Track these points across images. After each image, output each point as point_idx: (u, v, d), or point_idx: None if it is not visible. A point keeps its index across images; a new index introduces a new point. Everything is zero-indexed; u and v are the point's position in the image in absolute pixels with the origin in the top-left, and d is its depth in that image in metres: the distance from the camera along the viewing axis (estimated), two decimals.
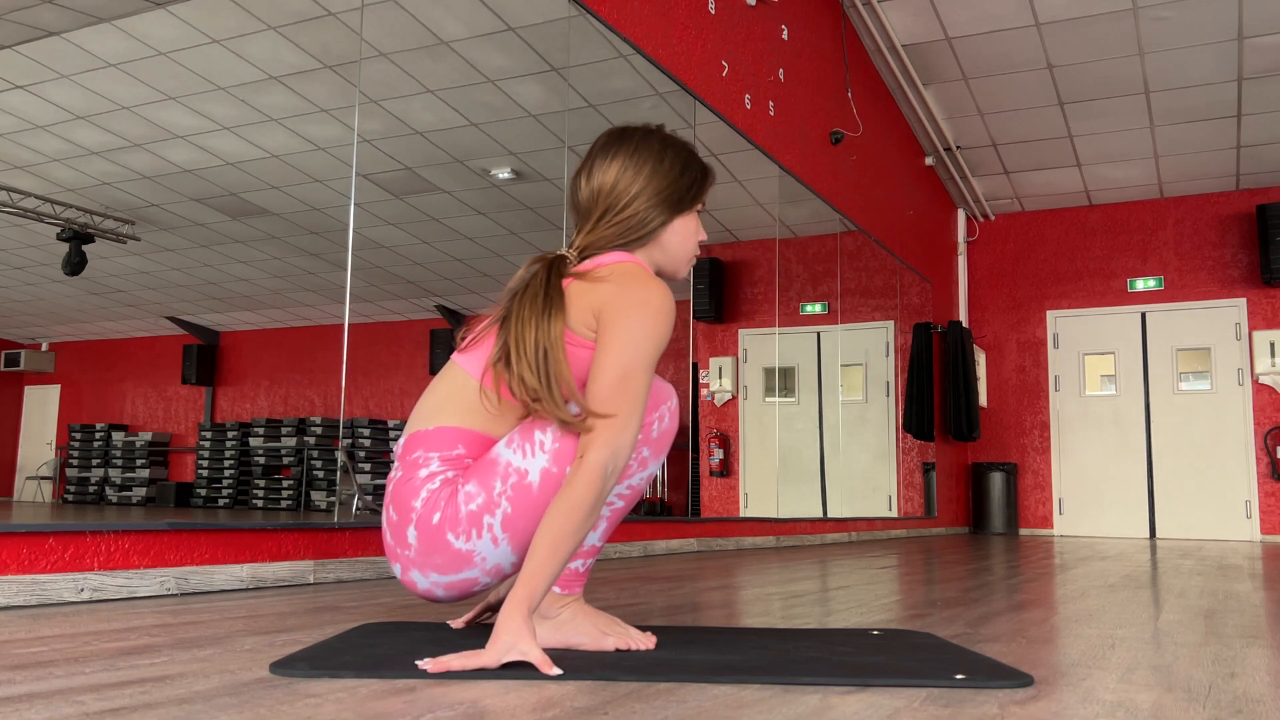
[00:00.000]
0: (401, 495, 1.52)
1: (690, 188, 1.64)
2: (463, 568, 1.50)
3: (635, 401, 1.44)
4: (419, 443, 1.55)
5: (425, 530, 1.50)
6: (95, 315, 9.75)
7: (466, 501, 1.49)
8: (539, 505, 1.48)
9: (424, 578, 1.52)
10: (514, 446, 1.51)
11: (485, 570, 1.52)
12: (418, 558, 1.51)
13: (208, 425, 9.96)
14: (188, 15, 4.59)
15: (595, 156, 1.64)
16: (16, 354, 10.36)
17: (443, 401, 1.57)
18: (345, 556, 2.85)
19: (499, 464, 1.50)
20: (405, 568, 1.53)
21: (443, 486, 1.51)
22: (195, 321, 9.98)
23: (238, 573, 2.51)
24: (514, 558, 1.52)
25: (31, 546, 2.08)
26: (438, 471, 1.52)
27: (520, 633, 1.35)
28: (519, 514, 1.49)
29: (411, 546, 1.51)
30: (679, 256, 1.66)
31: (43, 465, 10.49)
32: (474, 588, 1.54)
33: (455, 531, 1.48)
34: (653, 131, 1.66)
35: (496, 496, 1.48)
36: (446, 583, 1.52)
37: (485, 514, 1.48)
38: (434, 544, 1.49)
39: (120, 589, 2.23)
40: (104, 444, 10.40)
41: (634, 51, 4.39)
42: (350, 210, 3.41)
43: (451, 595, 1.55)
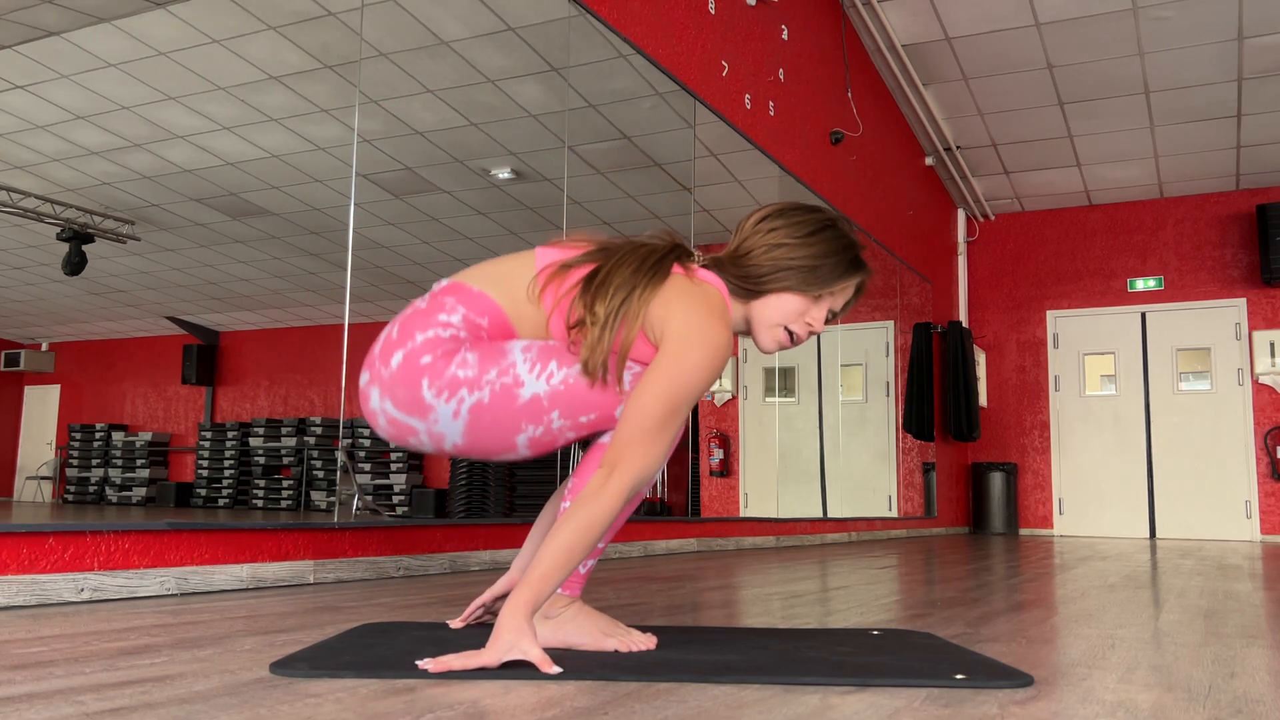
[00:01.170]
0: (412, 322, 1.52)
1: (825, 272, 1.60)
2: (415, 414, 1.50)
3: (673, 431, 1.47)
4: (457, 293, 1.55)
5: (410, 363, 1.49)
6: (95, 315, 9.75)
7: (460, 366, 1.49)
8: (513, 417, 1.49)
9: (380, 400, 1.52)
10: (528, 355, 1.52)
11: (430, 430, 1.51)
12: (388, 380, 1.51)
13: (208, 425, 9.96)
14: (188, 15, 4.59)
15: (770, 208, 1.64)
16: (16, 354, 10.36)
17: (500, 276, 1.58)
18: (345, 556, 2.85)
19: (506, 357, 1.51)
20: (372, 380, 1.53)
21: (450, 340, 1.51)
22: (195, 321, 9.97)
23: (238, 573, 2.51)
24: (459, 440, 1.52)
25: (31, 546, 2.08)
26: (455, 325, 1.52)
27: (521, 632, 1.35)
28: (491, 410, 1.49)
29: (390, 369, 1.51)
30: (771, 321, 1.62)
31: (43, 465, 10.49)
32: (410, 437, 1.53)
33: (433, 382, 1.48)
34: (826, 214, 1.64)
35: (485, 381, 1.49)
36: (393, 416, 1.51)
37: (465, 387, 1.49)
38: (409, 379, 1.49)
39: (120, 589, 2.23)
40: (104, 444, 10.40)
41: (634, 51, 4.39)
42: (350, 210, 3.41)
43: (388, 431, 1.54)
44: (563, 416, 1.52)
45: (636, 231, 1.66)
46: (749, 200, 6.03)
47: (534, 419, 1.51)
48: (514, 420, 1.50)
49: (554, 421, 1.52)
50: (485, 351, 1.51)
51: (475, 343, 1.52)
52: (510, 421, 1.50)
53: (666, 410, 1.46)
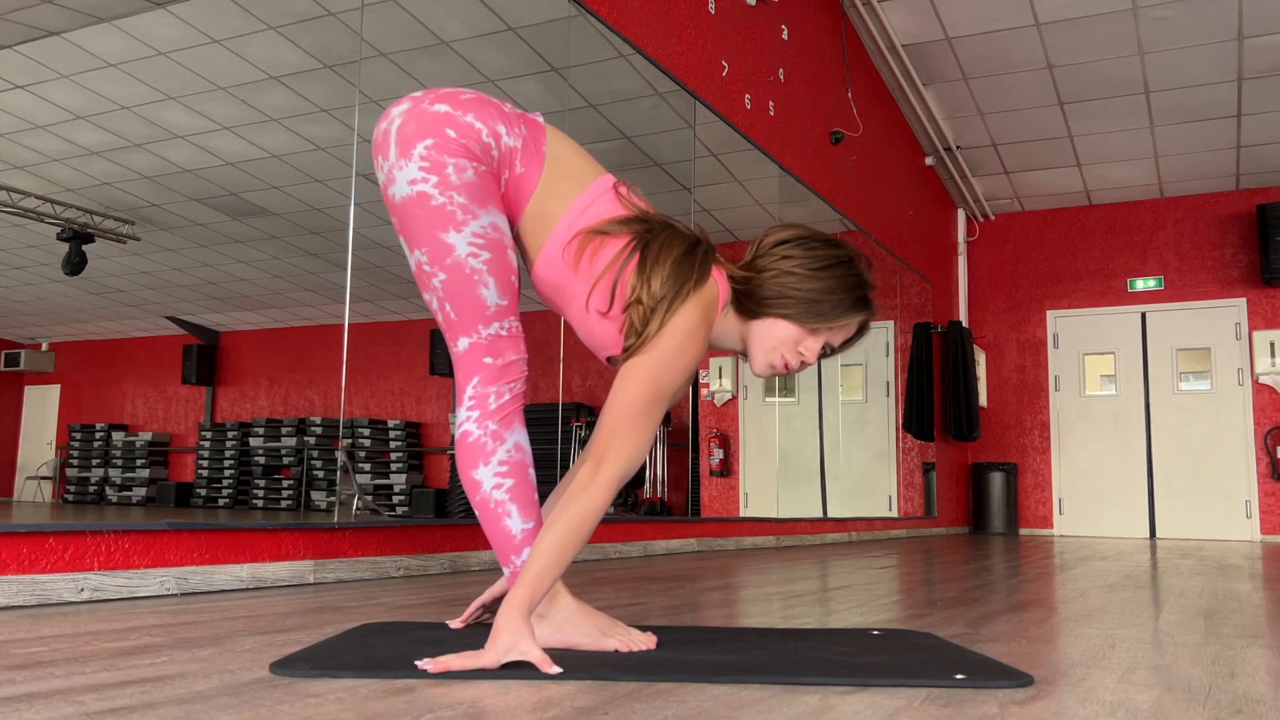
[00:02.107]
0: (480, 106, 1.54)
1: (831, 310, 1.60)
2: (399, 150, 1.51)
3: (656, 418, 1.49)
4: (531, 133, 1.59)
5: (438, 121, 1.51)
6: (95, 315, 9.75)
7: (456, 168, 1.50)
8: (427, 236, 1.52)
9: (397, 116, 1.54)
10: (485, 230, 1.54)
11: (391, 169, 1.53)
12: (415, 114, 1.52)
13: (208, 425, 9.96)
14: (188, 15, 4.59)
15: (792, 225, 1.64)
16: (16, 354, 10.36)
17: (560, 164, 1.60)
18: (345, 556, 2.85)
19: (479, 209, 1.52)
20: (412, 101, 1.55)
21: (481, 151, 1.52)
22: (195, 321, 9.98)
23: (238, 573, 2.51)
24: (396, 201, 1.54)
25: (31, 546, 2.08)
26: (498, 146, 1.54)
27: (520, 632, 1.35)
28: (425, 214, 1.51)
29: (428, 108, 1.52)
30: (765, 347, 1.62)
31: (43, 465, 10.49)
32: (379, 156, 1.55)
33: (430, 149, 1.50)
34: (844, 250, 1.63)
35: (448, 193, 1.50)
36: (388, 133, 1.53)
37: (436, 178, 1.50)
38: (422, 129, 1.51)
39: (120, 589, 2.23)
40: (104, 444, 10.40)
41: (634, 51, 4.39)
42: (350, 210, 3.41)
43: (376, 141, 1.56)
44: (443, 285, 1.54)
45: None
46: (749, 200, 6.04)
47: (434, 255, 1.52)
48: (425, 238, 1.52)
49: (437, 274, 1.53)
50: (481, 186, 1.52)
51: (488, 174, 1.53)
52: (422, 235, 1.52)
53: (650, 398, 1.47)
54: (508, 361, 1.58)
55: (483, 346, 1.56)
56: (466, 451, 1.57)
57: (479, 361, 1.56)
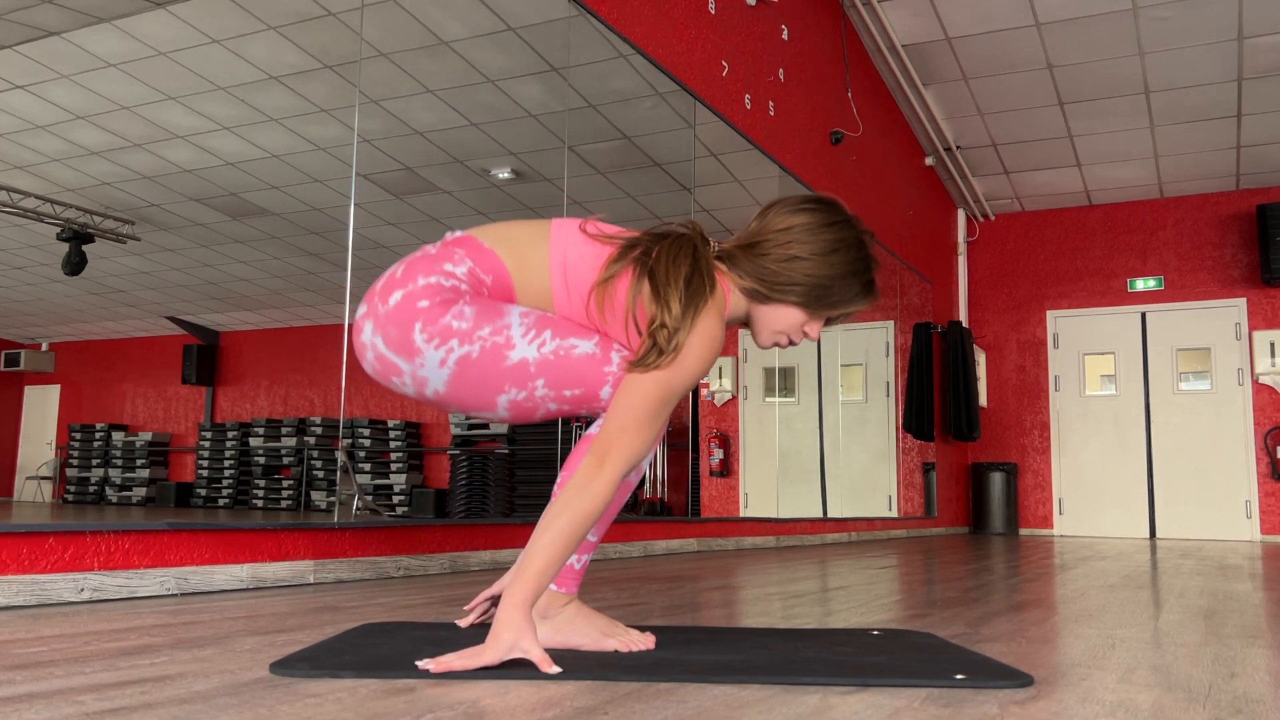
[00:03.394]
0: (418, 265, 1.52)
1: (839, 295, 1.60)
2: (402, 355, 1.50)
3: (663, 420, 1.49)
4: (468, 246, 1.56)
5: (408, 304, 1.49)
6: (95, 315, 9.74)
7: (455, 317, 1.49)
8: (497, 377, 1.50)
9: (371, 335, 1.51)
10: (525, 322, 1.52)
11: (414, 374, 1.51)
12: (383, 317, 1.50)
13: (208, 425, 9.96)
14: (188, 15, 4.59)
15: (792, 201, 1.62)
16: (16, 354, 10.35)
17: (512, 240, 1.58)
18: (345, 556, 2.85)
19: (502, 318, 1.51)
20: (367, 315, 1.52)
21: (451, 290, 1.50)
22: (195, 321, 9.97)
23: (238, 573, 2.51)
24: (441, 389, 1.51)
25: (31, 546, 2.08)
26: (459, 277, 1.52)
27: (522, 630, 1.35)
28: (478, 365, 1.49)
29: (387, 306, 1.50)
30: (773, 329, 1.63)
31: (43, 465, 10.49)
32: (394, 376, 1.52)
33: (425, 327, 1.48)
34: (851, 227, 1.61)
35: (476, 336, 1.49)
36: (380, 353, 1.51)
37: (456, 338, 1.48)
38: (402, 319, 1.49)
39: (120, 589, 2.23)
40: (104, 444, 10.40)
41: (634, 51, 4.39)
42: (350, 210, 3.41)
43: (375, 367, 1.54)
44: (547, 386, 1.52)
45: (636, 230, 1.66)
46: (749, 200, 6.03)
47: (518, 383, 1.51)
48: (498, 380, 1.50)
49: (538, 389, 1.52)
50: (483, 308, 1.51)
51: (475, 298, 1.52)
52: (494, 380, 1.50)
53: (660, 399, 1.47)
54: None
55: (623, 376, 1.54)
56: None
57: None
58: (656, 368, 1.46)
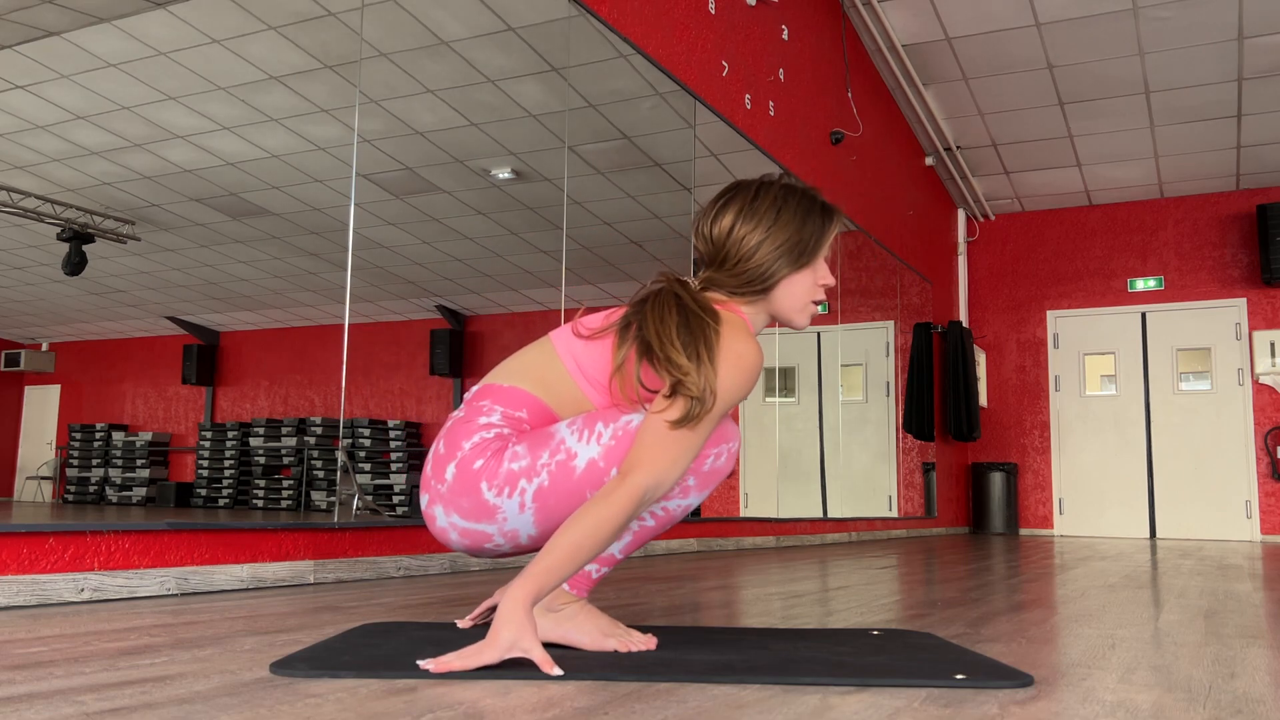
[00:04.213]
0: (456, 433, 1.54)
1: (812, 238, 1.63)
2: (483, 519, 1.51)
3: (696, 443, 1.47)
4: (490, 394, 1.57)
5: (464, 471, 1.51)
6: (95, 315, 9.74)
7: (511, 460, 1.50)
8: (576, 489, 1.50)
9: (445, 516, 1.53)
10: (574, 429, 1.52)
11: (502, 530, 1.52)
12: (448, 494, 1.52)
13: (208, 425, 9.96)
14: (188, 15, 4.59)
15: (714, 205, 1.64)
16: (16, 354, 10.35)
17: (526, 368, 1.59)
18: (345, 556, 2.85)
19: (554, 438, 1.52)
20: (432, 500, 1.54)
21: (496, 439, 1.52)
22: (195, 321, 9.97)
23: (238, 573, 2.51)
24: (533, 530, 1.52)
25: (32, 546, 2.08)
26: (497, 424, 1.54)
27: (523, 628, 1.34)
28: (554, 490, 1.49)
29: (446, 483, 1.52)
30: (796, 306, 1.65)
31: (43, 465, 10.49)
32: (485, 543, 1.54)
33: (490, 483, 1.50)
34: (772, 183, 1.64)
35: (539, 466, 1.49)
36: (463, 528, 1.53)
37: (523, 478, 1.49)
38: (467, 487, 1.50)
39: (120, 589, 2.23)
40: (104, 444, 10.40)
41: (634, 51, 4.39)
42: (350, 210, 3.41)
43: (464, 543, 1.55)
44: (614, 462, 1.52)
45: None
46: None
47: (596, 483, 1.50)
48: (579, 491, 1.50)
49: (610, 471, 1.52)
50: (533, 440, 1.52)
51: (520, 435, 1.54)
52: (576, 494, 1.50)
53: (691, 419, 1.46)
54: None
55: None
56: None
57: None
58: (703, 415, 1.45)
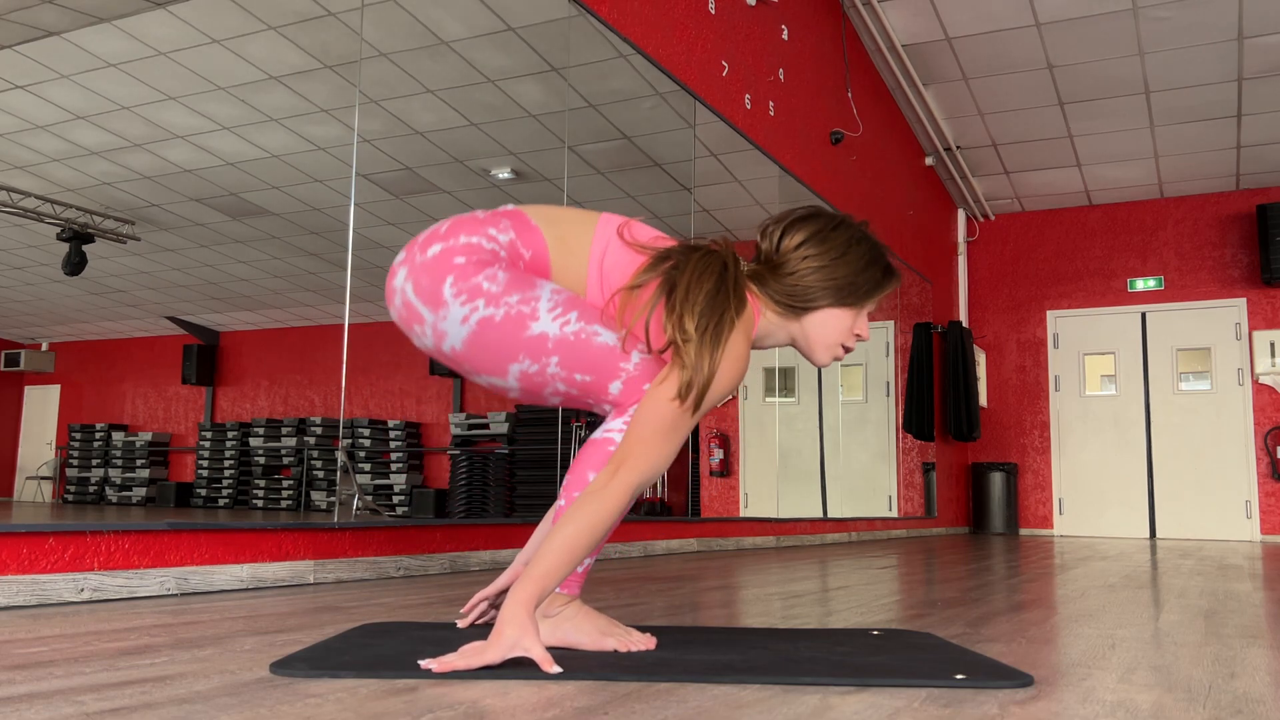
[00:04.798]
0: (463, 224, 1.56)
1: (866, 285, 1.64)
2: (428, 304, 1.52)
3: (684, 435, 1.49)
4: (515, 220, 1.59)
5: (444, 258, 1.52)
6: (95, 315, 9.74)
7: (488, 279, 1.51)
8: (513, 344, 1.51)
9: (403, 281, 1.54)
10: (554, 299, 1.54)
11: (434, 326, 1.53)
12: (418, 265, 1.53)
13: (208, 425, 9.96)
14: (188, 15, 4.59)
15: (790, 217, 1.65)
16: (16, 354, 10.35)
17: (558, 222, 1.62)
18: (345, 556, 2.85)
19: (532, 290, 1.53)
20: (404, 262, 1.56)
21: (490, 255, 1.53)
22: (195, 321, 9.97)
23: (238, 573, 2.51)
24: (459, 347, 1.53)
25: (31, 546, 2.08)
26: (500, 244, 1.55)
27: (524, 629, 1.35)
28: (497, 329, 1.51)
29: (424, 255, 1.54)
30: (825, 341, 1.65)
31: (43, 465, 10.49)
32: (415, 325, 1.55)
33: (456, 282, 1.51)
34: (852, 224, 1.67)
35: (504, 301, 1.51)
36: (407, 299, 1.54)
37: (484, 299, 1.50)
38: (436, 270, 1.52)
39: (120, 589, 2.23)
40: (104, 444, 10.40)
41: (634, 51, 4.39)
42: (350, 210, 3.41)
43: (400, 313, 1.56)
44: (561, 365, 1.53)
45: None
46: (749, 200, 6.04)
47: (533, 355, 1.52)
48: (515, 348, 1.52)
49: (550, 366, 1.53)
50: (516, 277, 1.54)
51: (510, 267, 1.55)
52: (511, 348, 1.52)
53: (682, 413, 1.47)
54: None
55: (636, 377, 1.56)
56: (598, 453, 1.57)
57: (640, 389, 1.56)
58: (689, 393, 1.46)
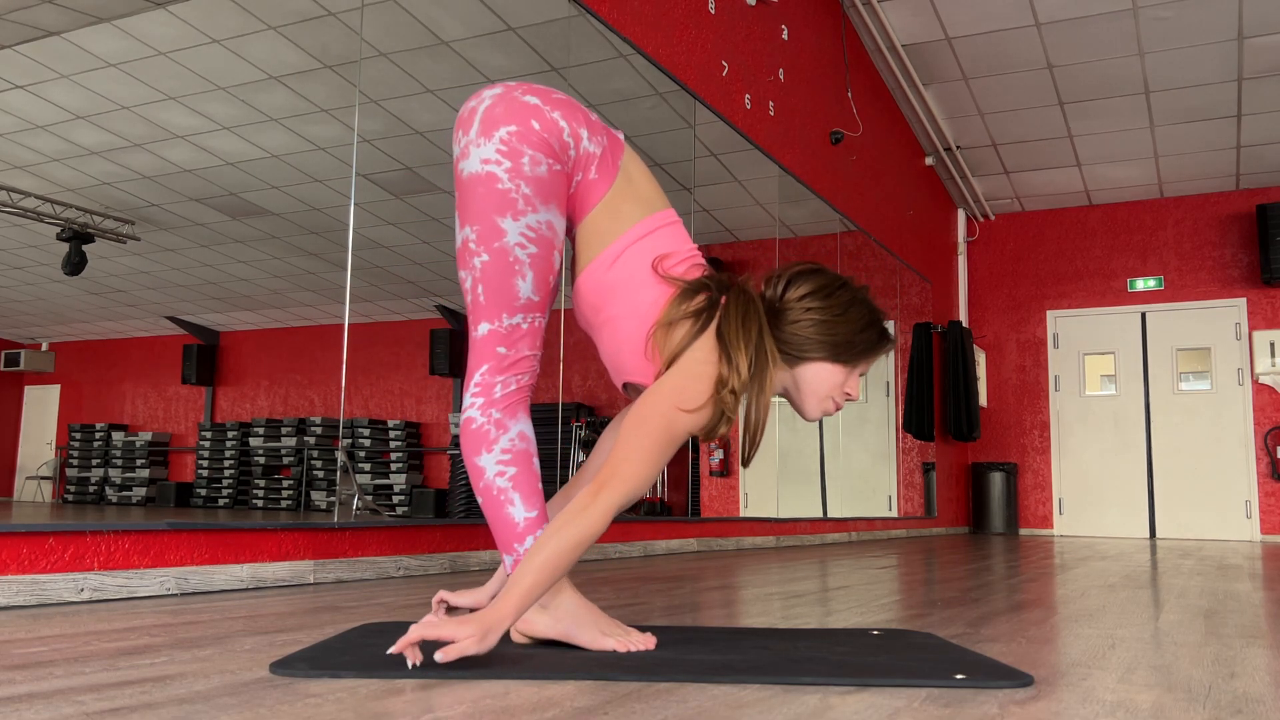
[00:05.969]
0: (569, 106, 1.59)
1: (860, 345, 1.65)
2: (482, 128, 1.55)
3: (668, 456, 1.50)
4: (610, 145, 1.64)
5: (525, 111, 1.55)
6: (95, 315, 9.75)
7: (532, 160, 1.55)
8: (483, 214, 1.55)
9: (489, 96, 1.58)
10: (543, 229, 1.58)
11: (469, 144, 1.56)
12: (507, 98, 1.57)
13: (208, 425, 9.96)
14: (188, 15, 4.59)
15: (796, 269, 1.66)
16: (16, 354, 10.35)
17: (632, 185, 1.65)
18: (345, 556, 2.85)
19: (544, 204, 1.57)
20: (507, 85, 1.61)
21: (560, 145, 1.57)
22: (195, 321, 9.97)
23: (238, 573, 2.51)
24: (468, 174, 1.57)
25: (31, 546, 2.08)
26: (576, 148, 1.59)
27: (494, 633, 1.35)
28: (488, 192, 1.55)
29: (519, 97, 1.57)
30: (817, 393, 1.66)
31: (43, 465, 10.49)
32: (461, 130, 1.59)
33: (512, 135, 1.54)
34: (855, 286, 1.69)
35: (515, 181, 1.55)
36: (475, 111, 1.58)
37: (509, 164, 1.54)
38: (508, 114, 1.55)
39: (120, 589, 2.23)
40: (104, 444, 10.40)
41: (634, 51, 4.39)
42: (350, 210, 3.41)
43: (463, 117, 1.60)
44: (483, 266, 1.57)
45: None
46: (749, 200, 6.04)
47: (483, 236, 1.56)
48: (484, 214, 1.56)
49: (479, 256, 1.57)
50: (553, 181, 1.57)
51: (561, 174, 1.57)
52: (483, 211, 1.56)
53: (667, 437, 1.48)
54: (520, 355, 1.61)
55: (500, 335, 1.59)
56: (470, 438, 1.59)
57: (492, 350, 1.59)
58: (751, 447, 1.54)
